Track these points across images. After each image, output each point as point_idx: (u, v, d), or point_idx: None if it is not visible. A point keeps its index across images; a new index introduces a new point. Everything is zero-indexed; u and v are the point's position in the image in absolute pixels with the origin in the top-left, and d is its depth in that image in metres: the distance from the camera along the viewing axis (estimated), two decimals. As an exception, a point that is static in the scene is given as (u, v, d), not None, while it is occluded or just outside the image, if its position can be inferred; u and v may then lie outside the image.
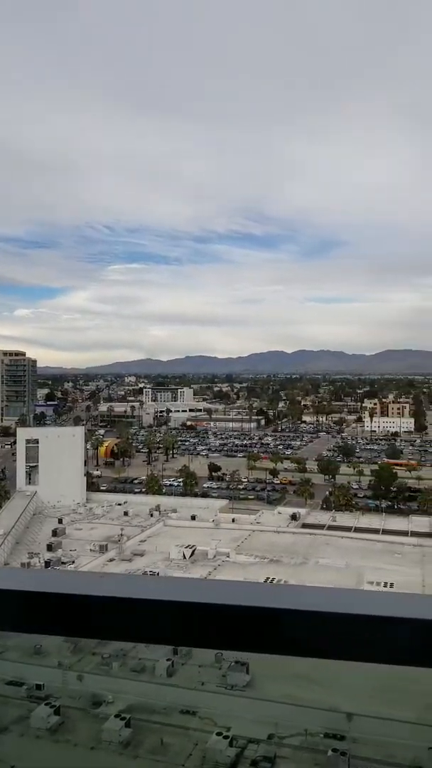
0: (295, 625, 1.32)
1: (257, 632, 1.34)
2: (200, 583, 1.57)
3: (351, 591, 1.53)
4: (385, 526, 67.11)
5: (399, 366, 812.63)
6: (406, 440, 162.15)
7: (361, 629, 1.30)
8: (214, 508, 76.60)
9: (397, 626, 1.28)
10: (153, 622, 1.38)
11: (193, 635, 1.40)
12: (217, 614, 1.35)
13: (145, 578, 1.59)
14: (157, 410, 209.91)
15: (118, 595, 1.41)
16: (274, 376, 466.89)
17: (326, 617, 1.31)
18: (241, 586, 1.51)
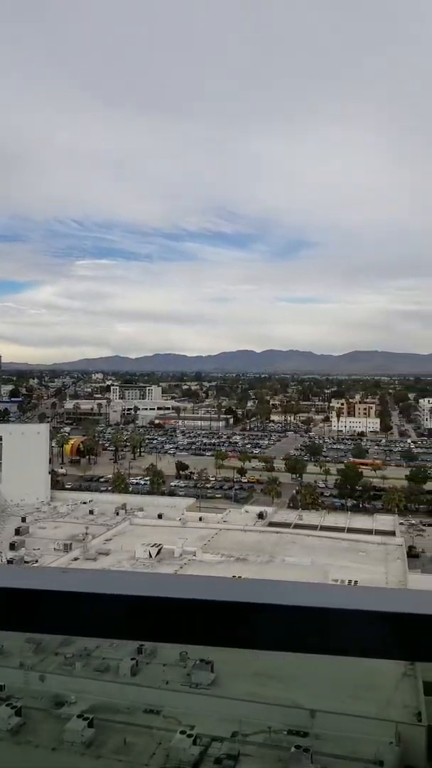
0: (259, 618, 1.32)
1: (223, 627, 1.33)
2: (164, 578, 1.57)
3: (314, 585, 1.54)
4: (350, 524, 67.93)
5: (366, 367, 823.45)
6: (372, 440, 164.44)
7: (325, 622, 1.31)
8: (181, 507, 76.52)
9: (361, 619, 1.29)
10: (118, 617, 1.37)
11: (157, 630, 1.38)
12: (181, 609, 1.34)
13: (111, 573, 1.58)
14: (125, 408, 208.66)
15: (82, 591, 1.39)
16: (243, 375, 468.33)
17: (290, 610, 1.31)
18: (205, 580, 1.51)
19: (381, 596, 1.45)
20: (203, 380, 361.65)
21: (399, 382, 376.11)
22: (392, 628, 1.29)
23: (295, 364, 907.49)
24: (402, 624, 1.28)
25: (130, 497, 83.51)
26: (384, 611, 1.31)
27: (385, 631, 1.29)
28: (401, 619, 1.29)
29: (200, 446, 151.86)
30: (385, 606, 1.34)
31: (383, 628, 1.29)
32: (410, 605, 1.36)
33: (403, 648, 1.33)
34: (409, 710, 1.89)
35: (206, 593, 1.39)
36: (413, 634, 1.28)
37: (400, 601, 1.44)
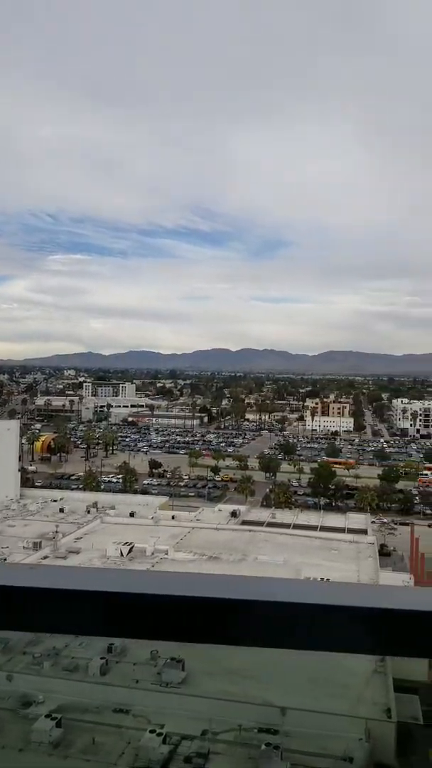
0: (234, 615, 1.33)
1: (193, 623, 1.33)
2: (136, 574, 1.55)
3: (286, 580, 1.54)
4: (323, 523, 68.40)
5: (340, 367, 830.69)
6: (346, 439, 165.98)
7: (297, 617, 1.31)
8: (154, 506, 76.19)
9: (331, 614, 1.30)
10: (88, 613, 1.35)
11: (128, 627, 1.38)
12: (154, 605, 1.34)
13: (81, 570, 1.55)
14: (98, 405, 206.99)
15: (51, 587, 1.38)
16: (218, 373, 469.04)
17: (262, 606, 1.32)
18: (177, 577, 1.50)
19: (354, 592, 1.46)
20: (178, 378, 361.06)
21: (373, 382, 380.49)
22: (365, 623, 1.30)
23: (270, 363, 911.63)
24: (375, 619, 1.30)
25: (101, 495, 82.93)
26: (357, 606, 1.32)
27: (358, 627, 1.30)
28: (374, 614, 1.30)
29: (174, 444, 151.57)
30: (358, 601, 1.36)
31: (357, 623, 1.30)
32: (384, 601, 1.38)
33: (375, 643, 1.34)
34: (379, 707, 1.90)
35: (179, 589, 1.39)
36: (386, 629, 1.30)
37: (373, 596, 1.46)
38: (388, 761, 1.87)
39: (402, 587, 1.50)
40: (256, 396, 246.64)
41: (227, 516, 70.72)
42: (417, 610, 1.30)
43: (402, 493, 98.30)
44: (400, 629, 1.29)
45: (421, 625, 1.29)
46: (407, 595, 1.43)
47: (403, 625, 1.29)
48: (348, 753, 1.88)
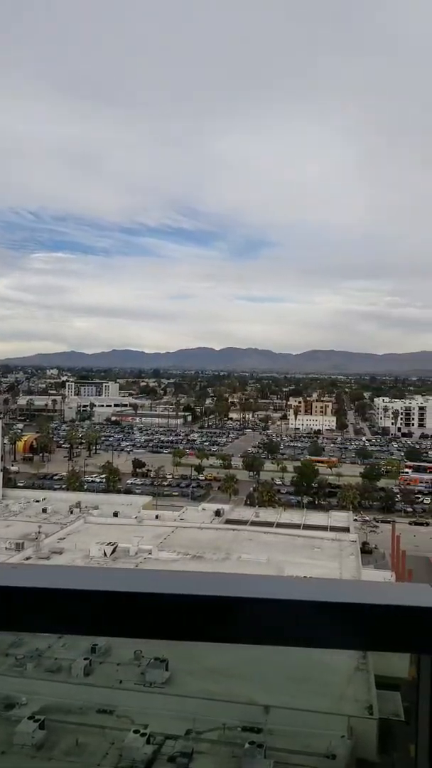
0: (217, 612, 1.33)
1: (178, 621, 1.34)
2: (119, 572, 1.55)
3: (270, 577, 1.55)
4: (306, 521, 68.68)
5: (323, 366, 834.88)
6: (328, 438, 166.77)
7: (282, 614, 1.32)
8: (138, 505, 75.97)
9: (315, 611, 1.32)
10: (71, 612, 1.35)
11: (113, 625, 1.38)
12: (136, 603, 1.34)
13: (64, 568, 1.55)
14: (81, 405, 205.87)
15: (37, 586, 1.38)
16: (201, 372, 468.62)
17: (246, 603, 1.33)
18: (155, 574, 1.50)
19: (336, 588, 1.48)
20: (161, 377, 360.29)
21: (355, 381, 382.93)
22: (349, 619, 1.32)
23: (254, 362, 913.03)
24: (358, 615, 1.31)
25: (84, 495, 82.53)
26: (340, 602, 1.34)
27: (342, 623, 1.32)
28: (357, 610, 1.32)
29: (158, 444, 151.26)
30: (341, 597, 1.37)
31: (341, 619, 1.32)
32: (366, 596, 1.40)
33: (359, 639, 1.36)
34: (360, 704, 1.92)
35: (164, 587, 1.40)
36: (369, 625, 1.32)
37: (355, 592, 1.48)
38: (370, 758, 1.89)
39: (383, 582, 1.53)
40: (240, 395, 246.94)
41: (211, 515, 70.75)
42: (399, 605, 1.32)
43: (383, 491, 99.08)
44: (383, 625, 1.31)
45: (403, 620, 1.30)
46: (389, 591, 1.48)
47: (386, 620, 1.31)
48: (331, 750, 1.89)
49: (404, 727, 1.64)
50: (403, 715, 1.75)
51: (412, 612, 1.30)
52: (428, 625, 1.29)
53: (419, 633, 1.30)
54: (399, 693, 1.79)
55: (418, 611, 1.30)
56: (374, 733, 1.85)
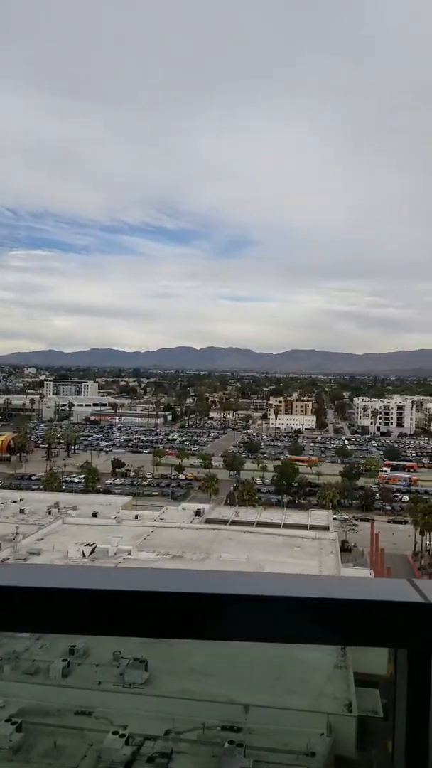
0: (197, 609, 1.34)
1: (158, 618, 1.34)
2: (97, 570, 1.54)
3: (246, 574, 1.56)
4: (286, 520, 68.95)
5: (303, 365, 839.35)
6: (308, 437, 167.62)
7: (262, 610, 1.34)
8: (117, 505, 75.64)
9: (294, 606, 1.34)
10: (50, 611, 1.35)
11: (92, 624, 1.38)
12: (113, 601, 1.34)
13: (42, 567, 1.54)
14: (59, 404, 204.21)
15: (13, 585, 1.38)
16: (182, 371, 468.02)
17: (225, 600, 1.34)
18: (135, 572, 1.50)
19: (314, 583, 1.49)
20: (141, 376, 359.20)
21: (335, 380, 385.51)
22: (328, 614, 1.34)
23: (234, 361, 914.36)
24: (336, 609, 1.34)
25: (63, 496, 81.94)
26: (318, 597, 1.36)
27: (321, 618, 1.34)
28: (334, 604, 1.35)
29: (138, 443, 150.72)
30: (319, 593, 1.40)
31: (320, 614, 1.34)
32: (346, 592, 1.43)
33: (338, 633, 1.38)
34: (340, 701, 1.93)
35: (141, 585, 1.40)
36: (347, 619, 1.34)
37: (333, 587, 1.51)
38: (349, 755, 1.90)
39: (361, 578, 1.54)
40: (221, 394, 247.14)
41: (191, 515, 70.72)
42: (377, 600, 1.36)
43: (363, 490, 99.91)
44: (361, 620, 1.34)
45: (381, 615, 1.34)
46: (367, 586, 1.49)
47: (364, 615, 1.34)
48: (310, 748, 1.90)
49: (383, 724, 1.65)
50: (381, 712, 1.76)
51: (389, 607, 1.33)
52: (406, 619, 1.33)
53: (397, 627, 1.33)
54: (377, 690, 1.80)
55: (396, 606, 1.33)
56: (353, 730, 1.86)
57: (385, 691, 1.52)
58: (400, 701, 1.33)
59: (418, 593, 1.36)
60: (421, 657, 1.32)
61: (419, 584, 1.39)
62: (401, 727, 1.33)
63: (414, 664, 1.32)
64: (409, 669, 1.32)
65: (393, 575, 54.63)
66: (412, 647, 1.33)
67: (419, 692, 1.31)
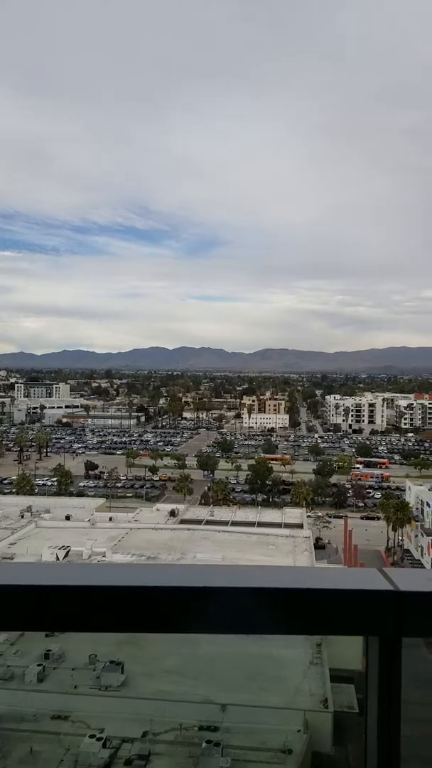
0: (171, 603, 1.36)
1: (133, 613, 1.36)
2: (72, 567, 1.55)
3: (219, 567, 1.58)
4: (260, 519, 69.21)
5: (276, 364, 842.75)
6: (282, 436, 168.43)
7: (234, 602, 1.36)
8: (91, 508, 75.15)
9: (267, 597, 1.36)
10: (25, 609, 1.36)
11: (68, 620, 1.39)
12: (90, 597, 1.36)
13: (16, 565, 1.53)
14: (31, 406, 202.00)
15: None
16: (155, 372, 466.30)
17: (200, 593, 1.36)
18: (104, 568, 1.50)
19: (288, 574, 1.53)
20: (114, 377, 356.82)
21: (307, 379, 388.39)
22: (300, 603, 1.37)
23: (207, 361, 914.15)
24: (309, 599, 1.37)
25: (36, 499, 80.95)
26: (292, 588, 1.39)
27: (294, 608, 1.37)
28: (308, 594, 1.38)
29: (110, 445, 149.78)
30: (293, 583, 1.43)
31: (293, 604, 1.37)
32: (319, 582, 1.46)
33: (311, 623, 1.40)
34: (316, 698, 1.95)
35: (112, 580, 1.43)
36: (321, 608, 1.37)
37: (306, 578, 1.55)
38: (325, 750, 1.92)
39: (333, 568, 1.59)
40: (194, 394, 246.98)
41: (166, 515, 70.55)
42: (349, 589, 1.40)
43: (336, 487, 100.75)
44: (334, 608, 1.37)
45: (353, 603, 1.37)
46: (339, 576, 1.53)
47: (337, 604, 1.37)
48: (287, 745, 1.92)
49: (358, 719, 1.67)
50: (357, 707, 1.78)
51: (361, 595, 1.37)
52: (376, 607, 1.36)
53: (368, 616, 1.37)
54: (353, 685, 1.82)
55: (367, 594, 1.37)
56: (329, 725, 1.88)
57: (361, 686, 1.55)
58: (372, 688, 1.36)
59: (388, 581, 1.39)
60: (391, 644, 1.35)
61: (389, 573, 1.43)
62: (373, 713, 1.36)
63: (385, 652, 1.35)
64: (380, 656, 1.35)
65: (366, 571, 55.26)
66: (383, 635, 1.36)
67: (390, 679, 1.35)
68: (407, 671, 1.36)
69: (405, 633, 1.36)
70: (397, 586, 1.36)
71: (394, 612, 1.34)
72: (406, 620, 1.34)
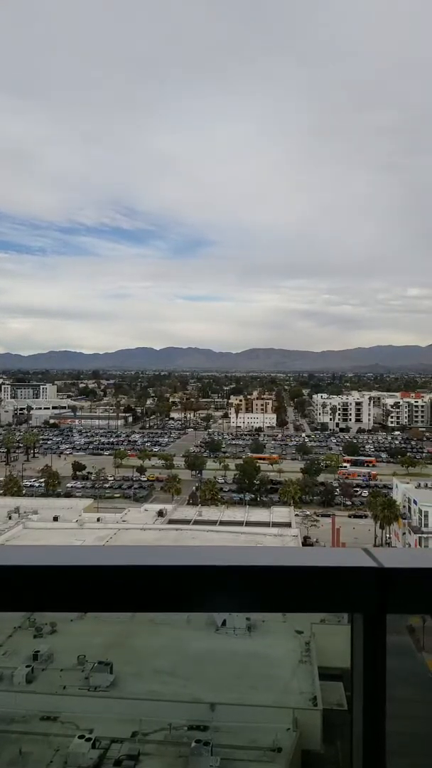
0: (169, 581, 1.39)
1: (132, 591, 1.38)
2: (59, 548, 1.56)
3: (205, 547, 1.60)
4: (248, 518, 69.30)
5: (263, 364, 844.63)
6: (269, 435, 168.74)
7: (226, 580, 1.40)
8: (79, 508, 74.90)
9: (259, 575, 1.40)
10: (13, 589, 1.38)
11: (54, 601, 1.41)
12: (76, 576, 1.38)
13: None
14: (17, 408, 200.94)
15: None
16: (142, 372, 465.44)
17: (200, 570, 1.40)
18: (93, 549, 1.52)
19: (279, 553, 1.57)
20: (101, 378, 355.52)
21: (294, 378, 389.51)
22: (289, 580, 1.41)
23: (194, 361, 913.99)
24: (298, 576, 1.42)
25: (23, 500, 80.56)
26: (284, 566, 1.43)
27: (284, 584, 1.41)
28: (296, 572, 1.42)
29: (98, 445, 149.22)
30: (285, 561, 1.47)
31: (283, 581, 1.41)
32: (307, 559, 1.52)
33: (299, 600, 1.43)
34: (305, 696, 1.96)
35: (98, 560, 1.45)
36: (309, 585, 1.41)
37: (294, 556, 1.59)
38: (314, 748, 1.93)
39: (320, 548, 1.62)
40: (181, 394, 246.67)
41: (154, 515, 70.44)
42: (336, 566, 1.44)
43: (323, 486, 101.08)
44: (322, 585, 1.41)
45: (339, 580, 1.41)
46: (326, 555, 1.62)
47: (324, 581, 1.41)
48: (276, 743, 1.92)
49: (347, 716, 1.68)
50: (346, 705, 1.79)
51: (346, 572, 1.41)
52: (361, 584, 1.40)
53: (353, 592, 1.41)
54: (341, 683, 1.83)
55: (352, 571, 1.41)
56: (319, 723, 1.89)
57: (350, 684, 1.56)
58: (357, 664, 1.40)
59: (372, 559, 1.43)
60: (375, 621, 1.39)
61: (374, 552, 1.48)
62: (359, 688, 1.40)
63: (369, 628, 1.38)
64: (364, 633, 1.38)
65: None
66: (367, 612, 1.39)
67: (375, 654, 1.38)
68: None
69: (389, 610, 1.39)
70: (381, 563, 1.40)
71: (378, 589, 1.37)
72: (390, 597, 1.38)
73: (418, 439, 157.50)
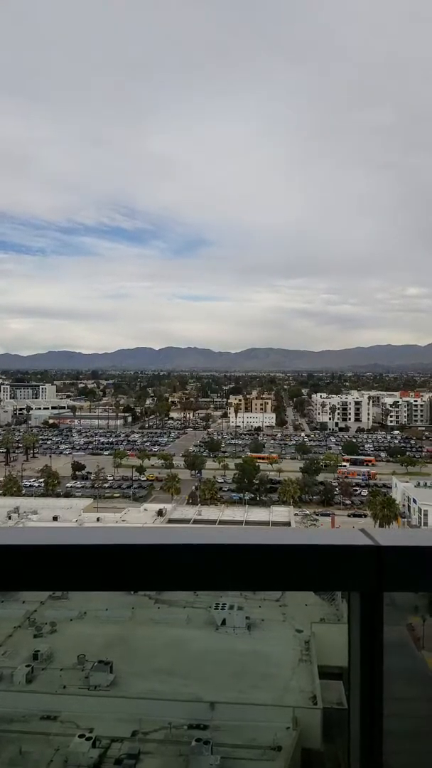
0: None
1: (136, 569, 1.40)
2: (47, 529, 1.58)
3: (207, 527, 1.62)
4: (247, 517, 69.33)
5: (262, 363, 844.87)
6: (269, 434, 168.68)
7: (229, 559, 1.41)
8: (78, 508, 74.95)
9: (260, 554, 1.42)
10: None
11: (44, 580, 1.44)
12: (66, 555, 1.40)
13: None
14: (17, 408, 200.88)
15: None
16: (141, 372, 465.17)
17: (200, 549, 1.41)
18: (87, 530, 1.54)
19: (278, 533, 1.61)
20: (100, 378, 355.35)
21: (293, 378, 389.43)
22: (290, 559, 1.44)
23: (193, 361, 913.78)
24: (298, 555, 1.44)
25: (23, 500, 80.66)
26: (283, 544, 1.46)
27: (285, 563, 1.43)
28: (295, 550, 1.44)
29: (98, 445, 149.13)
30: (283, 540, 1.50)
31: (283, 560, 1.43)
32: (305, 538, 1.53)
33: (299, 578, 1.46)
34: (305, 694, 1.96)
35: (89, 539, 1.47)
36: (308, 563, 1.44)
37: (293, 535, 1.58)
38: (314, 747, 1.93)
39: (318, 528, 1.64)
40: (180, 394, 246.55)
41: (153, 515, 70.45)
42: (334, 544, 1.47)
43: (323, 485, 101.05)
44: (321, 564, 1.43)
45: (338, 559, 1.44)
46: (324, 534, 1.59)
47: (323, 559, 1.44)
48: (276, 742, 1.92)
49: (347, 714, 1.69)
50: (345, 703, 1.80)
51: (343, 551, 1.44)
52: (358, 562, 1.42)
53: (349, 570, 1.43)
54: (341, 681, 1.83)
55: (349, 549, 1.44)
56: (318, 722, 1.89)
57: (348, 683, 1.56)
58: (354, 642, 1.42)
59: (368, 538, 1.46)
60: (372, 599, 1.41)
61: (371, 532, 1.51)
62: (356, 666, 1.42)
63: (366, 607, 1.41)
64: (361, 611, 1.41)
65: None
66: (365, 590, 1.41)
67: (371, 632, 1.40)
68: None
69: (386, 588, 1.41)
70: (377, 542, 1.42)
71: (375, 567, 1.39)
72: (387, 575, 1.40)
73: (417, 438, 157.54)
